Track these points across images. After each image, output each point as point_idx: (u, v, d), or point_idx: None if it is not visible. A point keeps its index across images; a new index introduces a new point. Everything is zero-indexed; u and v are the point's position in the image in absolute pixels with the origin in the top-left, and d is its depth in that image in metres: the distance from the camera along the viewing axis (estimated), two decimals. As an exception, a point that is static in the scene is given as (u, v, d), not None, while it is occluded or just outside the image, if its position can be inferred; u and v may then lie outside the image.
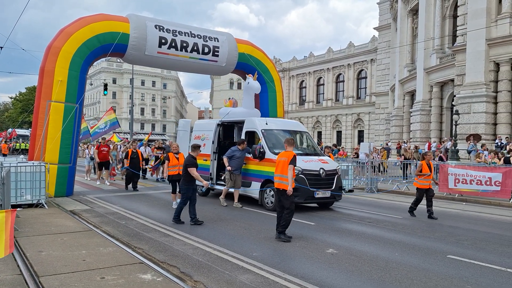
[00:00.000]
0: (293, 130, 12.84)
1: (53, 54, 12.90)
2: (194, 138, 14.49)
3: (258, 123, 12.34)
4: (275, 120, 13.49)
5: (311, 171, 10.92)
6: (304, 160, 11.13)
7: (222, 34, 16.68)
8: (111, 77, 79.09)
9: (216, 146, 13.61)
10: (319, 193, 10.95)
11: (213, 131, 13.67)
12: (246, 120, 12.85)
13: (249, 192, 12.07)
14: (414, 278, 5.72)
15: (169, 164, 11.15)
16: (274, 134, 12.16)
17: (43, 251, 6.51)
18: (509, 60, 21.56)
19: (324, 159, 11.94)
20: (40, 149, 12.53)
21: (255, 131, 12.32)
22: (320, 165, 11.30)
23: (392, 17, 40.86)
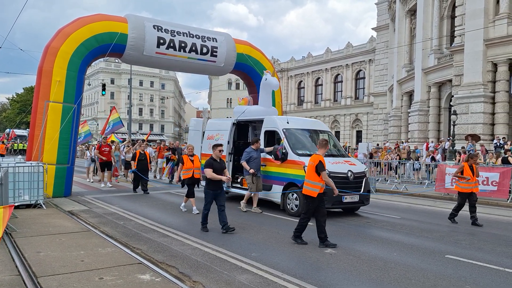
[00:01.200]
0: (316, 130, 12.21)
1: (51, 54, 12.89)
2: (207, 138, 13.76)
3: (279, 122, 11.58)
4: (296, 119, 12.66)
5: (338, 174, 10.13)
6: (331, 161, 10.33)
7: (221, 35, 16.68)
8: (109, 77, 78.96)
9: (232, 147, 12.88)
10: (347, 198, 10.20)
11: (228, 130, 12.90)
12: (266, 119, 12.11)
13: (269, 196, 11.38)
14: (413, 278, 5.73)
15: (183, 167, 10.65)
16: (296, 133, 11.47)
17: (41, 252, 6.50)
18: (506, 60, 21.61)
19: (350, 161, 11.31)
20: (38, 149, 12.50)
21: (276, 131, 11.55)
22: (347, 167, 10.58)
23: (390, 17, 40.92)
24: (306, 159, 9.75)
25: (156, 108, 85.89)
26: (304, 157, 10.29)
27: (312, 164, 7.38)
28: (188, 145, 10.91)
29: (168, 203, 12.61)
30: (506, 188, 13.18)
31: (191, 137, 15.56)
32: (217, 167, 8.35)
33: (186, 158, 10.68)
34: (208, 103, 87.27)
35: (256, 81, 17.64)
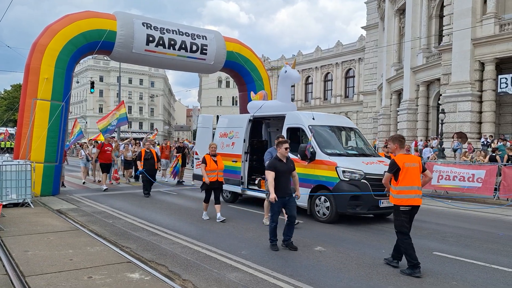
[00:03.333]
0: (343, 126, 11.34)
1: (39, 52, 12.75)
2: (219, 136, 12.80)
3: (304, 118, 10.55)
4: (320, 115, 11.58)
5: (374, 176, 9.17)
6: (364, 162, 9.66)
7: (210, 32, 16.64)
8: (98, 75, 78.25)
9: (248, 145, 11.92)
10: (384, 202, 9.14)
11: (244, 127, 11.92)
12: (288, 115, 11.04)
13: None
14: (401, 274, 5.79)
15: (206, 168, 9.36)
16: (323, 131, 10.49)
17: (29, 251, 6.44)
18: (493, 59, 21.88)
19: (384, 161, 10.32)
20: (26, 147, 12.37)
21: (301, 128, 10.48)
22: (383, 167, 9.33)
23: (379, 16, 41.14)
24: (337, 159, 9.43)
25: (145, 106, 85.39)
26: (334, 157, 9.55)
27: (416, 166, 5.88)
28: (211, 144, 9.78)
29: (158, 201, 12.56)
30: (491, 186, 13.35)
31: (200, 135, 14.18)
32: (283, 169, 6.96)
33: (209, 159, 9.43)
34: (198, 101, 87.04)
35: (246, 79, 17.67)
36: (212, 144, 9.83)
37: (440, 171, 14.43)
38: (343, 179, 9.14)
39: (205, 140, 13.33)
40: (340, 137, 11.09)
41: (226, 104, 73.84)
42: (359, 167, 9.28)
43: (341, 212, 9.20)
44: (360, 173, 9.15)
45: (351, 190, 8.99)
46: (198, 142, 14.30)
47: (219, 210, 9.54)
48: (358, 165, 9.35)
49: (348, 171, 9.18)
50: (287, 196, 6.97)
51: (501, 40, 21.36)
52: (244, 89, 17.96)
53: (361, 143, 11.20)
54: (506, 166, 13.47)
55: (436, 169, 14.53)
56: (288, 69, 12.08)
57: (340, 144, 10.66)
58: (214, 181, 9.43)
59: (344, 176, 9.15)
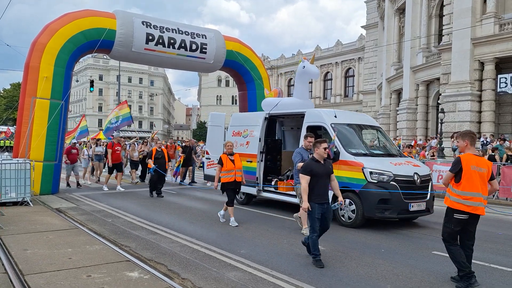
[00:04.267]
0: (366, 125, 10.72)
1: (38, 50, 12.73)
2: (232, 135, 12.18)
3: (325, 116, 9.94)
4: (342, 112, 10.93)
5: (404, 177, 8.70)
6: (392, 162, 9.11)
7: (210, 31, 16.63)
8: (97, 73, 78.26)
9: (264, 145, 11.34)
10: (414, 205, 8.73)
11: (260, 126, 11.33)
12: (308, 112, 10.43)
13: None
14: (400, 274, 5.79)
15: (223, 168, 8.88)
16: (347, 129, 9.91)
17: (28, 249, 6.43)
18: (493, 59, 21.87)
19: (412, 161, 9.93)
20: (25, 146, 12.36)
21: (322, 126, 9.89)
22: (412, 168, 9.08)
23: (379, 16, 41.12)
24: (363, 160, 8.90)
25: (145, 105, 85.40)
26: (359, 157, 9.01)
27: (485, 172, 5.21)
28: (227, 142, 9.21)
29: (157, 200, 12.56)
30: (491, 185, 13.36)
31: (211, 134, 13.63)
32: (321, 172, 6.15)
33: (225, 158, 8.94)
34: (198, 100, 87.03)
35: (245, 78, 17.66)
36: (228, 142, 9.28)
37: (440, 170, 14.44)
38: (371, 181, 8.56)
39: (216, 139, 12.99)
40: (364, 136, 10.45)
41: (226, 103, 73.85)
42: (387, 168, 8.70)
43: (368, 216, 8.64)
44: (389, 175, 8.56)
45: (380, 193, 8.45)
46: (209, 141, 13.75)
47: (233, 214, 9.01)
48: (386, 166, 8.78)
49: (376, 172, 8.60)
50: (325, 203, 6.15)
51: (500, 40, 21.36)
52: (244, 88, 17.96)
53: (386, 142, 10.65)
54: (505, 166, 13.48)
55: (436, 169, 14.54)
56: (306, 65, 11.56)
57: (365, 144, 10.09)
58: (231, 181, 8.89)
59: (372, 177, 8.57)
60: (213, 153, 12.95)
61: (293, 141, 12.79)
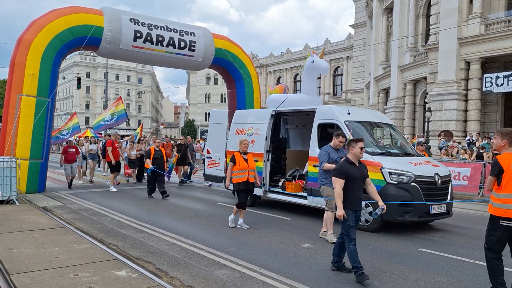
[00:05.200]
0: (381, 122, 10.25)
1: (24, 47, 12.56)
2: (236, 133, 11.66)
3: (338, 113, 9.39)
4: (355, 109, 10.35)
5: (425, 178, 8.27)
6: (412, 162, 8.65)
7: (199, 29, 16.56)
8: (84, 71, 77.45)
9: (270, 143, 10.85)
10: (435, 208, 8.28)
11: (266, 123, 10.81)
12: (319, 109, 9.87)
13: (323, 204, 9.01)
14: (387, 271, 5.85)
15: (235, 167, 8.37)
16: (361, 127, 9.40)
17: (14, 249, 6.35)
18: (479, 59, 22.18)
19: (431, 161, 9.49)
20: (11, 144, 12.19)
21: (335, 124, 9.31)
22: (432, 169, 8.63)
23: (367, 15, 41.37)
24: (381, 159, 8.43)
25: (133, 102, 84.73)
26: (377, 157, 8.53)
27: None
28: (242, 140, 8.62)
29: (145, 198, 12.49)
30: (476, 183, 13.57)
31: (212, 132, 13.04)
32: (357, 175, 5.54)
33: (239, 157, 8.43)
34: (186, 98, 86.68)
35: (234, 76, 17.62)
36: (243, 140, 8.66)
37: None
38: (390, 182, 8.08)
39: (217, 138, 12.55)
40: (378, 134, 10.05)
41: (215, 101, 73.65)
42: (407, 168, 8.25)
43: (387, 219, 8.15)
44: (410, 175, 8.11)
45: (400, 195, 7.96)
46: (210, 139, 13.23)
47: (243, 215, 8.63)
48: (406, 166, 8.33)
49: (395, 172, 8.13)
50: (359, 209, 5.61)
51: (486, 40, 21.67)
52: (233, 86, 17.93)
53: (402, 141, 10.14)
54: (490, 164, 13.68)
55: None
56: (315, 59, 11.12)
57: (381, 142, 9.66)
58: (244, 181, 8.41)
59: (391, 178, 8.09)
60: (214, 152, 12.55)
61: (298, 139, 12.54)
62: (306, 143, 11.84)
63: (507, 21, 21.26)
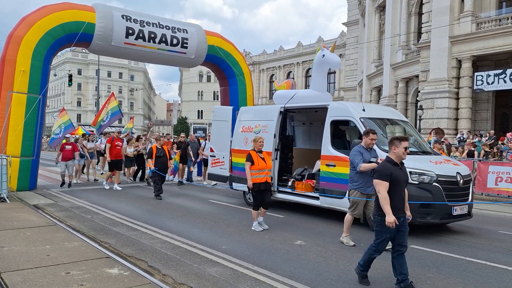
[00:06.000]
0: (396, 119, 9.77)
1: (15, 43, 12.45)
2: (242, 131, 11.19)
3: (353, 109, 8.95)
4: (369, 106, 9.82)
5: (447, 178, 7.84)
6: (432, 161, 8.18)
7: (191, 26, 16.51)
8: (76, 68, 76.93)
9: (278, 141, 10.39)
10: (457, 209, 7.87)
11: (274, 120, 10.33)
12: (332, 106, 9.41)
13: (339, 205, 8.68)
14: (379, 267, 5.89)
15: (252, 167, 7.93)
16: (377, 124, 8.91)
17: (4, 247, 6.31)
18: (470, 57, 22.33)
19: (451, 160, 9.15)
20: (1, 141, 12.09)
21: (350, 121, 8.88)
22: (454, 168, 8.20)
23: (360, 13, 41.47)
24: None
25: (125, 100, 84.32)
26: None
27: None
28: (257, 138, 8.18)
29: (137, 196, 12.45)
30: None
31: (216, 130, 12.55)
32: (400, 178, 4.95)
33: (256, 156, 7.96)
34: (179, 95, 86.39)
35: (227, 73, 17.60)
36: (258, 137, 8.22)
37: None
38: (411, 182, 7.40)
39: (222, 135, 12.06)
40: (395, 131, 9.56)
41: (207, 99, 73.57)
42: (428, 167, 7.80)
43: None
44: (431, 175, 7.65)
45: (421, 196, 7.50)
46: (213, 137, 12.72)
47: (264, 214, 8.33)
48: (427, 165, 7.88)
49: (416, 172, 7.66)
50: (401, 216, 4.96)
51: (477, 38, 21.83)
52: (226, 84, 17.91)
53: (418, 139, 9.64)
54: (481, 162, 13.80)
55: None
56: (326, 53, 10.67)
57: None
58: (263, 182, 7.97)
59: (412, 178, 7.52)
60: (218, 151, 12.10)
61: (305, 137, 12.27)
62: (313, 141, 11.66)
63: (498, 20, 21.43)
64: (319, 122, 11.00)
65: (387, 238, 4.97)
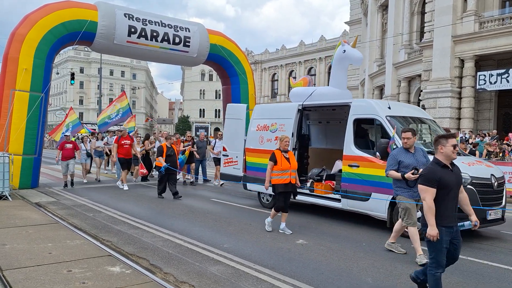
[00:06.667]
0: (423, 118, 9.22)
1: (17, 42, 12.47)
2: (257, 129, 10.75)
3: (378, 107, 8.46)
4: (394, 104, 9.21)
5: (481, 180, 7.36)
6: (465, 162, 7.59)
7: (194, 25, 16.51)
8: (78, 66, 77.01)
9: (296, 141, 9.95)
10: (492, 214, 7.39)
11: (292, 119, 9.87)
12: (355, 103, 9.00)
13: (363, 208, 8.32)
14: (381, 267, 5.89)
15: (275, 167, 7.61)
16: (403, 123, 8.44)
17: (6, 244, 6.32)
18: (473, 56, 22.27)
19: (482, 161, 8.64)
20: (4, 139, 12.12)
21: (375, 119, 8.35)
22: (487, 170, 7.73)
23: (362, 12, 41.41)
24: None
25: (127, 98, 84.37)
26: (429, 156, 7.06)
27: None
28: (283, 137, 7.81)
29: (139, 195, 12.46)
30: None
31: (229, 128, 12.00)
32: (450, 182, 4.34)
33: (280, 155, 7.64)
34: (181, 94, 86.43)
35: (229, 72, 17.60)
36: (284, 137, 7.84)
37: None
38: None
39: (235, 134, 11.57)
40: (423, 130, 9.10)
41: (209, 98, 73.59)
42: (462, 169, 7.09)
43: None
44: (465, 177, 6.95)
45: None
46: (226, 136, 12.16)
47: (285, 219, 7.88)
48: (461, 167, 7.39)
49: None
50: (455, 226, 4.42)
51: (480, 38, 21.76)
52: (228, 83, 17.91)
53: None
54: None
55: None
56: (347, 48, 10.12)
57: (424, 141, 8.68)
58: (287, 183, 7.62)
59: None
60: (231, 150, 11.62)
61: (321, 136, 11.86)
62: (329, 140, 11.38)
63: (501, 19, 21.36)
64: (336, 121, 10.73)
65: (442, 249, 4.30)
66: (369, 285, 5.20)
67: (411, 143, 6.46)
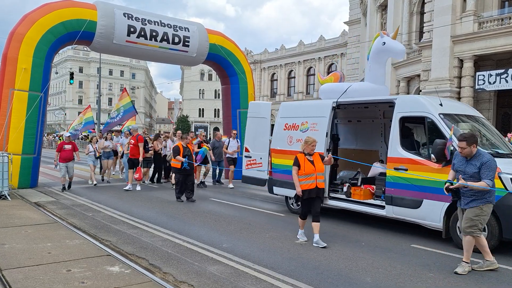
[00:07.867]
0: (477, 116, 8.46)
1: (16, 41, 12.46)
2: (284, 128, 9.99)
3: (429, 104, 7.63)
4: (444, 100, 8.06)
5: None
6: None
7: (193, 24, 16.50)
8: (77, 65, 77.00)
9: (330, 141, 9.19)
10: None
11: (326, 117, 9.04)
12: (401, 100, 8.17)
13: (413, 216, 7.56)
14: (380, 267, 5.89)
15: (300, 171, 7.00)
16: (459, 122, 7.82)
17: (6, 244, 6.32)
18: (472, 56, 22.28)
19: None
20: (3, 139, 12.11)
21: (426, 117, 7.52)
22: None
23: (362, 12, 41.43)
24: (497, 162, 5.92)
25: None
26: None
27: None
28: (310, 140, 7.09)
29: (138, 195, 12.45)
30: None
31: (252, 127, 11.23)
32: None
33: (303, 158, 7.03)
34: (180, 94, 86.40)
35: (228, 72, 17.58)
36: (312, 140, 7.09)
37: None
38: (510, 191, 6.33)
39: (259, 134, 10.84)
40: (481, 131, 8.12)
41: (209, 97, 73.57)
42: None
43: (508, 238, 6.43)
44: None
45: None
46: (248, 136, 11.39)
47: (318, 231, 7.00)
48: None
49: None
50: None
51: (479, 38, 21.77)
52: (227, 82, 17.89)
53: (501, 139, 8.22)
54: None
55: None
56: (387, 40, 9.27)
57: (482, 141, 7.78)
58: (312, 188, 6.94)
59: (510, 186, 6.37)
60: (254, 151, 10.93)
61: (350, 136, 11.12)
62: (360, 141, 10.87)
63: (500, 19, 21.37)
64: (368, 119, 10.19)
65: None
66: (368, 285, 5.20)
67: (466, 153, 5.71)
